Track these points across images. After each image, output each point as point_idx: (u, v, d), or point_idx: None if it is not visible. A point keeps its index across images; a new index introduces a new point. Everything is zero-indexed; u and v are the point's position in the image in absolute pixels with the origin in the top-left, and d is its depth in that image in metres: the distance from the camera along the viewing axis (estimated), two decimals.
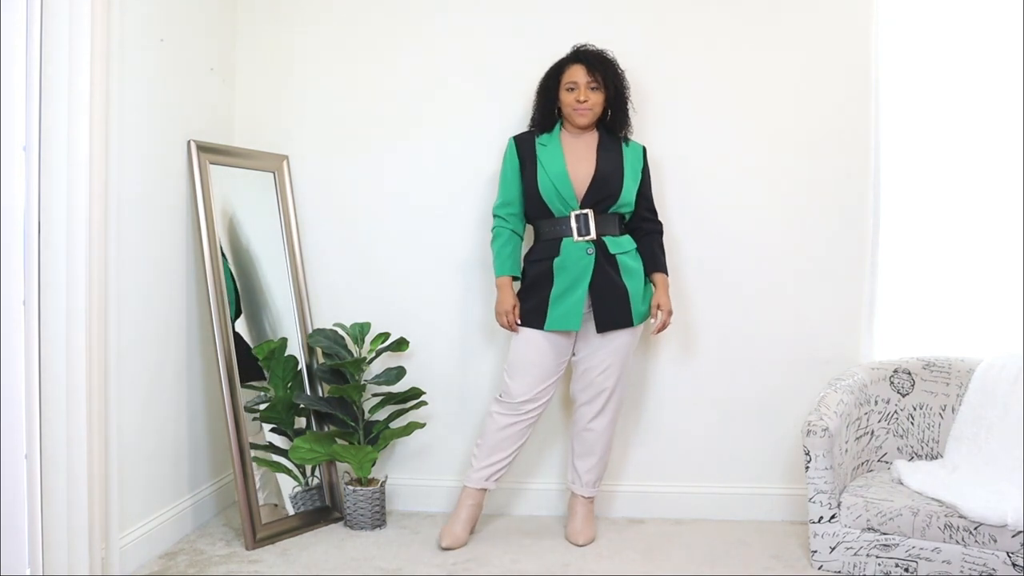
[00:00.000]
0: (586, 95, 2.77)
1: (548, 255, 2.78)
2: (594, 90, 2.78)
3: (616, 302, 2.76)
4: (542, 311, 2.76)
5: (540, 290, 2.77)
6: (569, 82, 2.79)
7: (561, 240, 2.77)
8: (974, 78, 3.02)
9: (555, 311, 2.75)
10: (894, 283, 3.08)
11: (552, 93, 2.84)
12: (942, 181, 3.05)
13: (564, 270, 2.75)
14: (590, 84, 2.77)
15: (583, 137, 2.85)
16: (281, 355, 2.98)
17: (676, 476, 3.15)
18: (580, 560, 2.73)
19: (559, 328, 2.77)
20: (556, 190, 2.76)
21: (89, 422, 2.26)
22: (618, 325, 2.77)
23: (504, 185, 2.88)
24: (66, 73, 2.16)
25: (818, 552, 2.64)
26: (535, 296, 2.78)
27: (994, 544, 2.44)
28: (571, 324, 2.76)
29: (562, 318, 2.75)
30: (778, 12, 3.07)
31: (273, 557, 2.71)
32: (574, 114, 2.79)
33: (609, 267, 2.76)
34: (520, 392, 2.80)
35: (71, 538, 2.21)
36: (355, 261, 3.20)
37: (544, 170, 2.79)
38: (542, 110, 2.86)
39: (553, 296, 2.75)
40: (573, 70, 2.79)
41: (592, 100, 2.78)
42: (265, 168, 3.12)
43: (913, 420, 2.94)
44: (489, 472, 2.85)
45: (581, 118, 2.79)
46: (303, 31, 3.19)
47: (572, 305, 2.74)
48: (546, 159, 2.80)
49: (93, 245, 2.28)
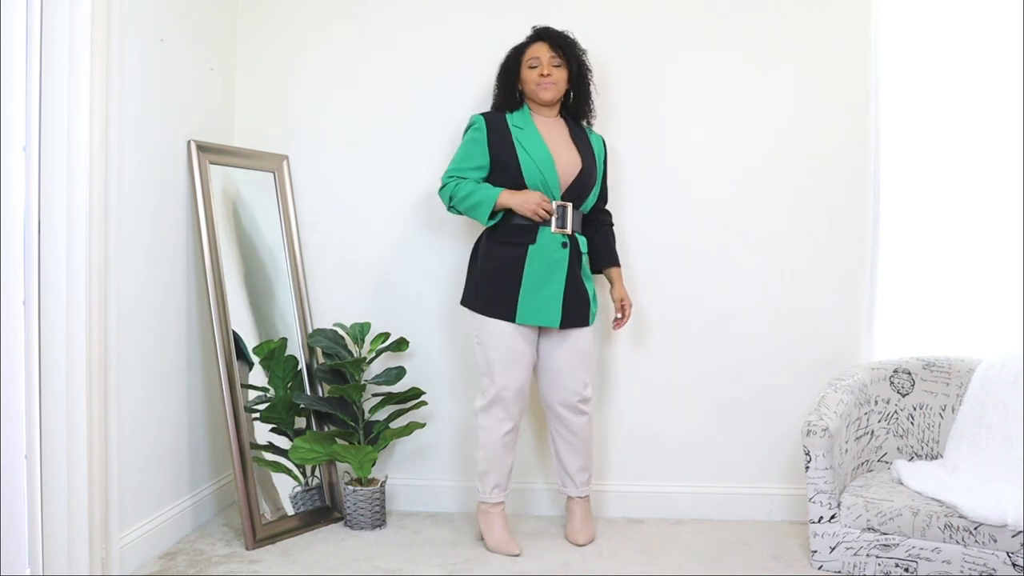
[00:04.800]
0: (549, 70, 2.74)
1: (522, 240, 2.69)
2: (557, 67, 2.76)
3: (579, 300, 2.75)
4: (511, 304, 2.67)
5: (509, 278, 2.67)
6: (532, 59, 2.76)
7: (538, 228, 2.70)
8: (974, 79, 3.02)
9: (527, 303, 2.67)
10: (894, 283, 3.08)
11: (514, 72, 2.80)
12: (942, 181, 3.06)
13: (537, 260, 2.68)
14: (552, 60, 2.75)
15: (555, 125, 2.82)
16: (281, 355, 2.98)
17: (676, 476, 3.15)
18: (580, 560, 2.73)
19: (533, 322, 2.69)
20: (542, 176, 2.70)
21: (89, 422, 2.26)
22: (577, 324, 2.75)
23: (469, 154, 2.75)
24: (66, 73, 2.16)
25: (818, 552, 2.64)
26: (502, 285, 2.68)
27: (994, 544, 2.44)
28: (549, 320, 2.69)
29: (537, 312, 2.68)
30: (779, 12, 3.07)
31: (273, 557, 2.71)
32: (538, 89, 2.75)
33: (577, 265, 2.74)
34: (512, 384, 2.71)
35: (71, 538, 2.21)
36: (355, 261, 3.20)
37: (527, 153, 2.70)
38: (504, 90, 2.81)
39: (525, 287, 2.67)
40: (535, 47, 2.77)
41: (556, 76, 2.75)
42: (265, 168, 3.12)
43: (913, 420, 2.94)
44: (504, 482, 2.82)
45: (545, 92, 2.75)
46: (303, 31, 3.19)
47: (548, 299, 2.68)
48: (527, 142, 2.72)
49: (93, 245, 2.28)
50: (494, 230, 2.74)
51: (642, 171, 3.11)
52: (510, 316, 2.69)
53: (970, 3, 3.02)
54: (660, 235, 3.11)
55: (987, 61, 3.01)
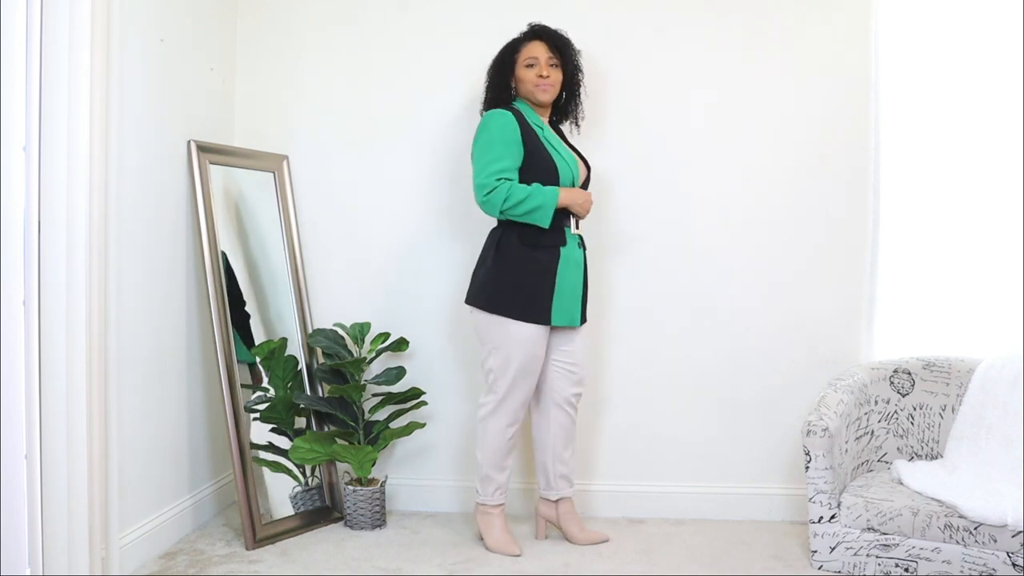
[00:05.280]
0: (548, 71, 2.71)
1: (555, 242, 2.67)
2: (554, 67, 2.73)
3: (586, 298, 2.81)
4: (546, 306, 2.64)
5: (544, 281, 2.64)
6: (529, 58, 2.72)
7: (564, 229, 2.69)
8: (974, 78, 3.02)
9: (560, 305, 2.66)
10: (894, 283, 3.08)
11: (508, 69, 2.75)
12: (942, 181, 3.05)
13: (568, 260, 2.69)
14: (550, 61, 2.72)
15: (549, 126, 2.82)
16: (281, 355, 2.98)
17: (677, 476, 3.15)
18: (580, 560, 2.72)
19: (564, 323, 2.69)
20: (572, 175, 2.70)
21: (89, 422, 2.26)
22: (584, 320, 2.81)
23: (509, 152, 2.61)
24: (66, 73, 2.16)
25: (818, 552, 2.64)
26: (537, 287, 2.63)
27: (994, 544, 2.44)
28: (574, 319, 2.72)
29: (567, 313, 2.69)
30: (779, 12, 3.07)
31: (273, 557, 2.71)
32: (536, 90, 2.71)
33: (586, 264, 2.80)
34: (527, 389, 2.71)
35: (71, 538, 2.21)
36: (355, 261, 3.20)
37: (559, 153, 2.69)
38: (497, 88, 2.76)
39: (559, 288, 2.66)
40: (533, 46, 2.73)
41: (553, 77, 2.73)
42: (265, 168, 3.12)
43: (913, 420, 2.94)
44: (505, 484, 2.81)
45: (544, 94, 2.72)
46: (303, 31, 3.19)
47: (574, 300, 2.71)
48: (553, 141, 2.72)
49: (93, 245, 2.28)
50: (522, 230, 2.66)
51: (641, 171, 3.10)
52: (544, 319, 2.65)
53: (970, 3, 3.02)
54: (659, 235, 3.11)
55: (987, 61, 3.01)
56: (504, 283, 2.66)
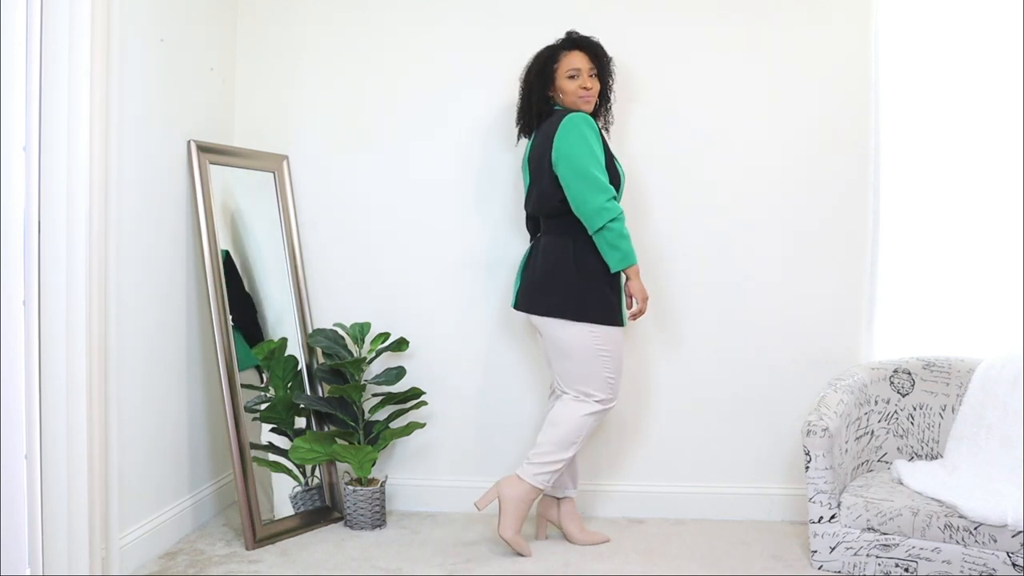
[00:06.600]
0: (591, 83, 2.74)
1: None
2: (592, 77, 2.75)
3: None
4: (620, 310, 2.72)
5: (617, 287, 2.72)
6: (571, 69, 2.72)
7: None
8: (974, 79, 3.02)
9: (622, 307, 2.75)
10: (894, 283, 3.08)
11: (548, 79, 2.75)
12: (942, 181, 3.05)
13: None
14: (591, 71, 2.75)
15: None
16: (281, 355, 2.98)
17: (676, 476, 3.15)
18: (580, 560, 2.73)
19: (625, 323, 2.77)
20: (623, 187, 2.78)
21: (89, 422, 2.26)
22: None
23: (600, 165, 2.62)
24: (66, 73, 2.16)
25: (818, 552, 2.64)
26: (617, 294, 2.71)
27: (994, 544, 2.44)
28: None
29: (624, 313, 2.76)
30: (779, 12, 3.07)
31: (273, 557, 2.71)
32: (579, 101, 2.73)
33: None
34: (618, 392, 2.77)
35: (71, 538, 2.21)
36: (355, 261, 3.20)
37: (616, 161, 2.74)
38: (540, 98, 2.76)
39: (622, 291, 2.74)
40: (573, 57, 2.74)
41: (595, 88, 2.75)
42: (265, 168, 3.12)
43: (913, 420, 2.94)
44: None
45: (587, 105, 2.75)
46: (303, 31, 3.19)
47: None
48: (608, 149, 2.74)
49: (93, 245, 2.28)
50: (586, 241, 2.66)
51: (637, 174, 3.10)
52: (623, 321, 2.73)
53: (970, 3, 3.02)
54: (659, 235, 3.11)
55: (987, 61, 3.01)
56: (605, 295, 2.68)
